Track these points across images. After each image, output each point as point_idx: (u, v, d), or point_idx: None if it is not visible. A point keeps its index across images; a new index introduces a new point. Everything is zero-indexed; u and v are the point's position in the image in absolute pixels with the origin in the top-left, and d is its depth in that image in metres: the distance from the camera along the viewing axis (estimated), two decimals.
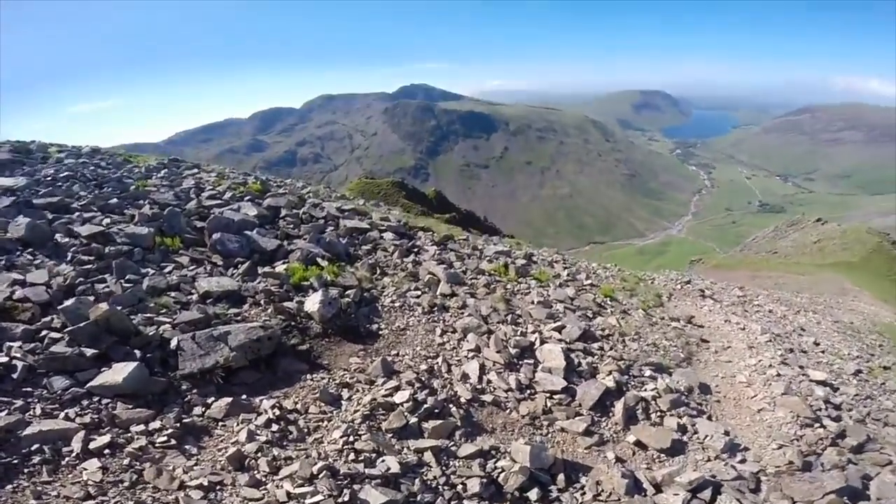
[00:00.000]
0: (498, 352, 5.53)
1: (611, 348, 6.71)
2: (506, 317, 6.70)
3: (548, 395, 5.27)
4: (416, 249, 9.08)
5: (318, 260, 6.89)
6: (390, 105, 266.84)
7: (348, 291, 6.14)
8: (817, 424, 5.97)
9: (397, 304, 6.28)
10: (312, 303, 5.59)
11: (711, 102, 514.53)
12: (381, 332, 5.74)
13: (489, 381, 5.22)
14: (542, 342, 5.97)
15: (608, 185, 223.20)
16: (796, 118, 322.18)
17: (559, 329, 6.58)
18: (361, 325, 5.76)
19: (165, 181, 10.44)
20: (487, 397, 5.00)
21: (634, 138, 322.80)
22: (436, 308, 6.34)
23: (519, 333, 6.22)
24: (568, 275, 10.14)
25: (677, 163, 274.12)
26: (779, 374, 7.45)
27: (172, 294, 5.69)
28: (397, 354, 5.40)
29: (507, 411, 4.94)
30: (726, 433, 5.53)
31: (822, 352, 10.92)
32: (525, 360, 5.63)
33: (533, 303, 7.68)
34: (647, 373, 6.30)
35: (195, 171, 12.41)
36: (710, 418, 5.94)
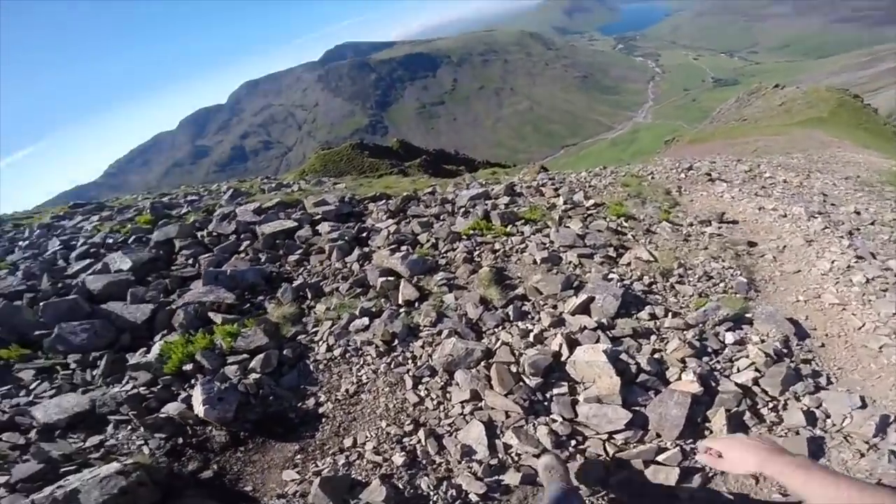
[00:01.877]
0: (508, 392, 3.41)
1: (665, 312, 4.62)
2: (505, 310, 4.54)
3: (605, 438, 3.24)
4: (364, 235, 6.71)
5: (212, 315, 4.52)
6: (322, 72, 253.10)
7: (255, 360, 3.83)
8: None
9: (338, 352, 3.97)
10: (197, 401, 3.37)
11: None
12: (322, 410, 3.54)
13: (508, 448, 3.15)
14: (571, 345, 3.84)
15: (564, 90, 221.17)
16: None
17: (586, 306, 4.46)
18: (289, 407, 3.55)
19: (31, 249, 7.76)
20: (511, 476, 2.95)
21: (575, 42, 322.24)
22: (397, 339, 4.07)
23: (531, 338, 4.05)
24: (565, 201, 7.81)
25: (623, 57, 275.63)
26: (867, 280, 5.62)
27: (4, 437, 3.62)
28: (354, 446, 3.23)
29: None
30: (862, 403, 3.65)
31: (872, 223, 9.14)
32: (554, 390, 3.51)
33: (535, 263, 5.54)
34: (728, 337, 4.29)
35: (78, 220, 9.55)
36: (828, 381, 4.05)
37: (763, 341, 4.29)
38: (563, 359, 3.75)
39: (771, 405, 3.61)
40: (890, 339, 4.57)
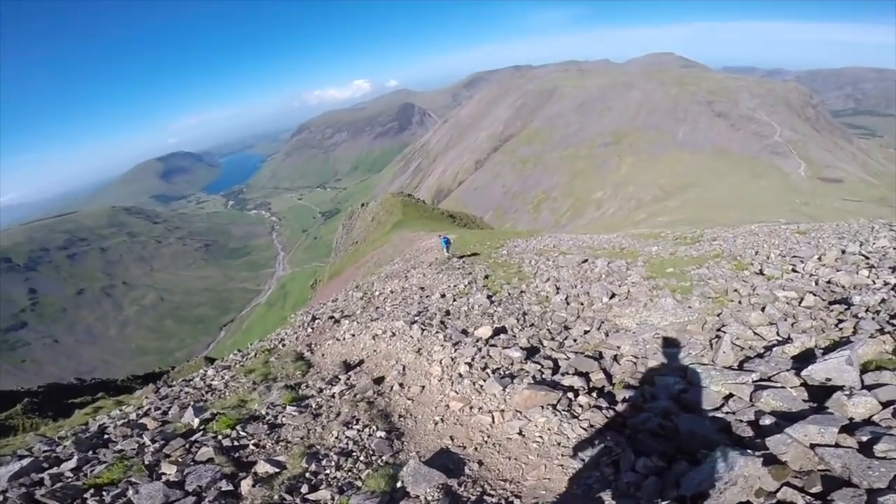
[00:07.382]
0: None
1: None
2: None
3: None
4: None
5: None
6: None
7: None
8: None
9: None
10: None
11: (230, 147, 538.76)
12: None
13: None
14: None
15: (190, 266, 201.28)
16: (300, 137, 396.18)
17: None
18: None
19: None
20: None
21: (183, 208, 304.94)
22: None
23: None
24: (153, 438, 5.59)
25: (238, 213, 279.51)
26: (469, 365, 6.62)
27: None
28: None
29: None
30: None
31: (454, 300, 11.01)
32: None
33: None
34: None
35: None
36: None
37: None
38: None
39: None
40: (518, 419, 4.84)
